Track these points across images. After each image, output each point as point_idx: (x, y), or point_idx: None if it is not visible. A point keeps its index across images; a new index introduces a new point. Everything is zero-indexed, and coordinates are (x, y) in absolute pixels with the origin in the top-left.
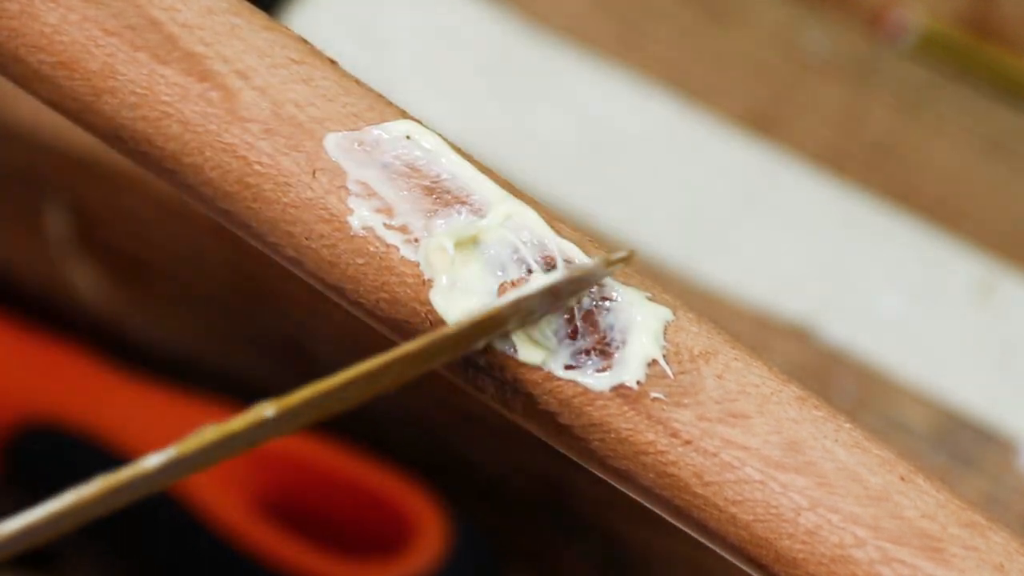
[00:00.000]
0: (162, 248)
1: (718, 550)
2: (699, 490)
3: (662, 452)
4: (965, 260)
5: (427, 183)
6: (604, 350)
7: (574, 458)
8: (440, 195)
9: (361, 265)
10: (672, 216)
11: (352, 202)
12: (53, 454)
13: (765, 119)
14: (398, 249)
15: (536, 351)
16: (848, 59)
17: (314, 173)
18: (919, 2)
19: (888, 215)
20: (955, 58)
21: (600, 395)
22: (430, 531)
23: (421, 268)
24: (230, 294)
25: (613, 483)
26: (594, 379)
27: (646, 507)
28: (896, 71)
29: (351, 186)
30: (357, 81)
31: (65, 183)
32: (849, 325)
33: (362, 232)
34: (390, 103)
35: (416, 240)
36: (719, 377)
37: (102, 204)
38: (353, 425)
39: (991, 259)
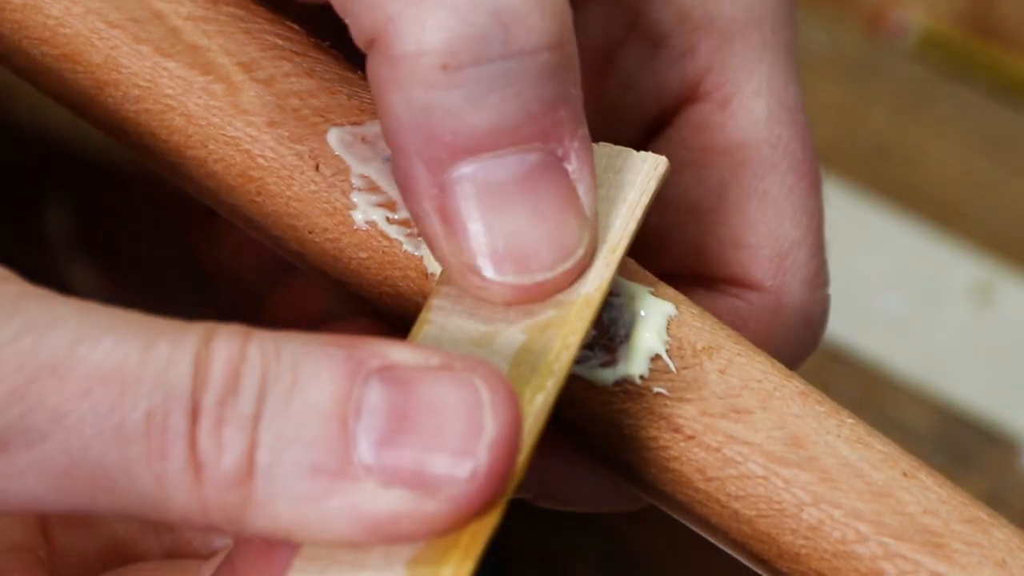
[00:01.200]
0: (162, 248)
1: (721, 545)
2: (702, 485)
3: (665, 447)
4: (965, 260)
5: None
6: (608, 345)
7: (577, 452)
8: None
9: (364, 259)
10: None
11: (355, 196)
12: None
13: None
14: (401, 243)
15: None
16: (848, 59)
17: (317, 167)
18: (919, 2)
19: (888, 215)
20: (955, 58)
21: (603, 390)
22: None
23: (424, 263)
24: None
25: (616, 478)
26: (598, 374)
27: (648, 505)
28: (896, 71)
29: (354, 180)
30: (361, 74)
31: (65, 183)
32: (849, 325)
33: (365, 226)
34: None
35: (418, 234)
36: (722, 372)
37: (102, 204)
38: None
39: (991, 259)
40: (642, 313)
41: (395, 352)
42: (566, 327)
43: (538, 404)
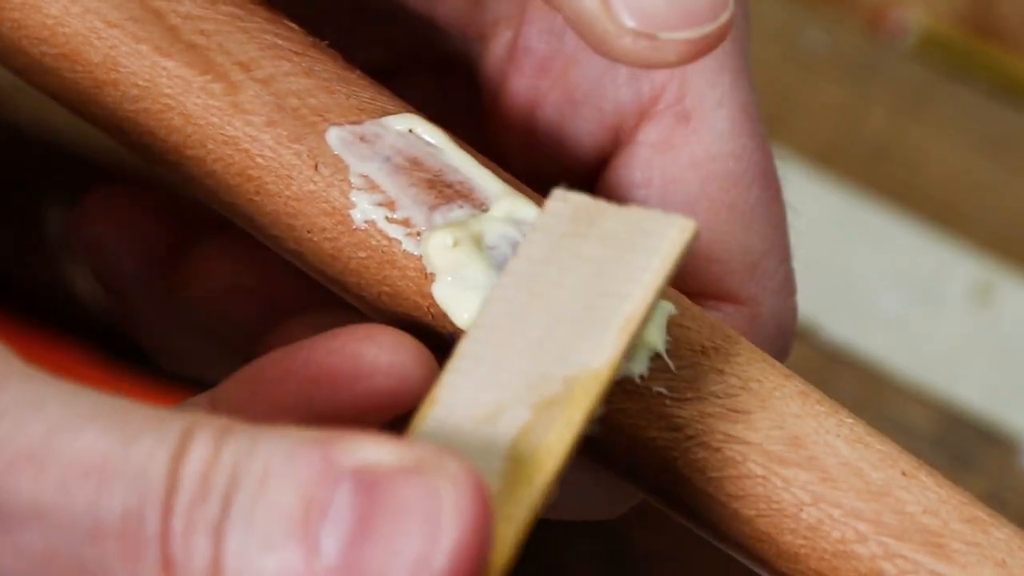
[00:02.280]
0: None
1: (720, 545)
2: (701, 485)
3: (664, 447)
4: (965, 260)
5: (429, 177)
6: None
7: (577, 452)
8: (442, 189)
9: (363, 259)
10: None
11: (354, 195)
12: None
13: (765, 119)
14: (400, 243)
15: None
16: (848, 59)
17: (316, 166)
18: (919, 2)
19: (888, 215)
20: (955, 58)
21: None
22: None
23: (423, 262)
24: None
25: (614, 477)
26: None
27: (647, 505)
28: (896, 71)
29: (353, 179)
30: (360, 74)
31: (65, 183)
32: (849, 325)
33: (364, 225)
34: (393, 96)
35: (418, 234)
36: (721, 372)
37: None
38: None
39: (991, 259)
40: None
41: (371, 451)
42: (572, 406)
43: (533, 491)
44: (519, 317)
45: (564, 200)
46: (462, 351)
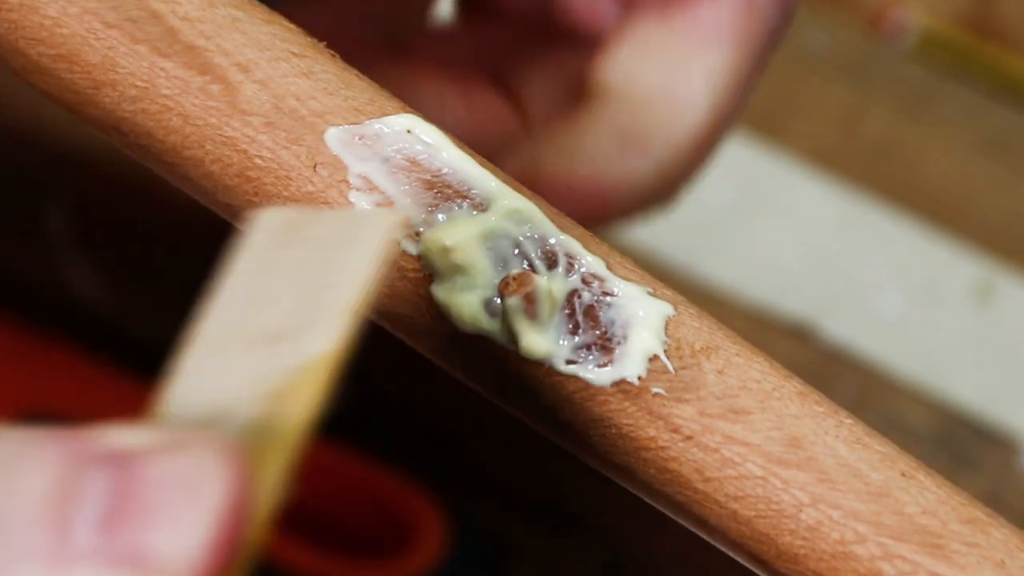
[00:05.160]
0: (162, 247)
1: (719, 546)
2: (700, 486)
3: (663, 448)
4: (965, 260)
5: (428, 177)
6: (605, 345)
7: (575, 453)
8: (441, 189)
9: None
10: (672, 216)
11: (353, 196)
12: None
13: (765, 119)
14: (398, 243)
15: (537, 346)
16: (848, 59)
17: (315, 167)
18: (919, 2)
19: (888, 215)
20: (955, 58)
21: (601, 390)
22: (431, 531)
23: (422, 262)
24: None
25: (614, 479)
26: (595, 374)
27: (647, 506)
28: (896, 71)
29: (352, 180)
30: (358, 75)
31: (65, 183)
32: (849, 325)
33: None
34: (391, 97)
35: (417, 234)
36: (720, 372)
37: (102, 204)
38: (353, 426)
39: (991, 259)
40: (640, 313)
41: (122, 436)
42: (303, 390)
43: (275, 470)
44: (244, 315)
45: (271, 217)
46: (182, 367)
